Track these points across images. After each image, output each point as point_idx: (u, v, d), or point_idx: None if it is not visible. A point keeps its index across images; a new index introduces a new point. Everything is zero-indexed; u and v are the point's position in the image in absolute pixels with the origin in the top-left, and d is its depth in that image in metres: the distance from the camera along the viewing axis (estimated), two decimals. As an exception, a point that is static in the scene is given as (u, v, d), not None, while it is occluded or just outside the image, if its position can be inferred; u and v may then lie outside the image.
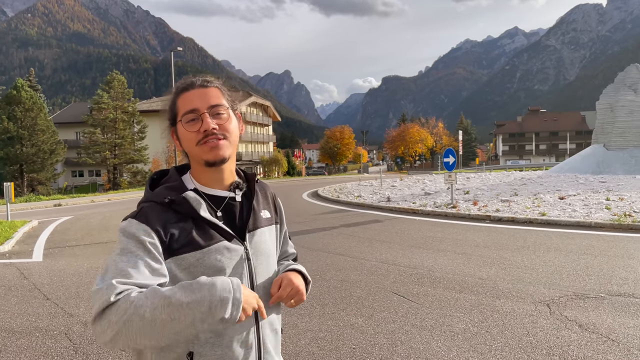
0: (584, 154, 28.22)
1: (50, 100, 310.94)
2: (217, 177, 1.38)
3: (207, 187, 1.38)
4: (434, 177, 32.38)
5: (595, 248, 8.06)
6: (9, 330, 4.98)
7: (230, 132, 1.35)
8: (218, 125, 1.32)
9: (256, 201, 1.45)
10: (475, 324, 4.63)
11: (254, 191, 1.45)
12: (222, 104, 1.35)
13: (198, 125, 1.31)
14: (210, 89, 1.36)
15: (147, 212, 1.28)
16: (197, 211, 1.30)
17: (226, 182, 1.40)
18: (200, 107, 1.32)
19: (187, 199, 1.31)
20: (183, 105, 1.34)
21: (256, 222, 1.41)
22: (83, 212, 19.37)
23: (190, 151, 1.35)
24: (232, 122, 1.37)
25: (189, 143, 1.34)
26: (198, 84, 1.36)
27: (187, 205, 1.30)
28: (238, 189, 1.41)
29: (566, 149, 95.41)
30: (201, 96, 1.34)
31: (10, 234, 11.68)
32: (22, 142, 39.96)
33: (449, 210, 13.55)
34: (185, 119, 1.32)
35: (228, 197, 1.39)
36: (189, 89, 1.35)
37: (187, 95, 1.35)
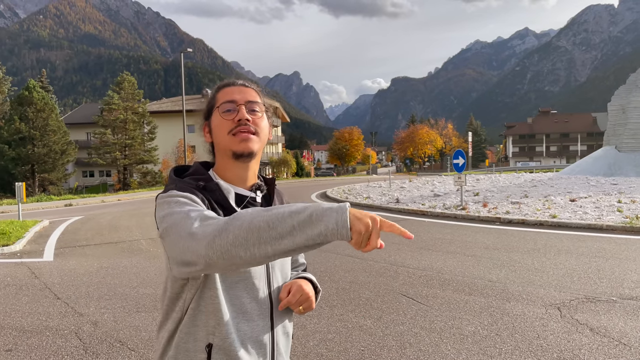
0: (595, 155, 27.97)
1: (61, 101, 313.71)
2: (241, 175, 1.40)
3: (230, 183, 1.39)
4: (443, 179, 32.26)
5: (607, 251, 7.98)
6: (20, 329, 5.02)
7: (261, 129, 1.40)
8: (252, 119, 1.37)
9: (275, 205, 1.46)
10: (485, 326, 4.60)
11: (273, 194, 1.47)
12: (259, 102, 1.41)
13: (233, 115, 1.37)
14: (249, 89, 1.43)
15: (184, 186, 1.28)
16: (228, 200, 1.33)
17: (249, 182, 1.42)
18: (238, 99, 1.38)
19: (220, 186, 1.34)
20: (223, 96, 1.40)
21: None
22: (93, 212, 19.51)
23: (221, 141, 1.37)
24: (265, 121, 1.42)
25: (221, 131, 1.37)
26: (239, 83, 1.44)
27: (219, 193, 1.32)
28: (259, 190, 1.43)
29: (577, 151, 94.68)
30: (241, 91, 1.41)
31: (21, 233, 11.78)
32: (33, 143, 40.30)
33: (459, 212, 13.48)
34: (222, 108, 1.38)
35: (249, 196, 1.40)
36: (230, 85, 1.43)
37: (227, 89, 1.42)
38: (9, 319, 5.38)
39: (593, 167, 26.18)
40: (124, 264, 8.29)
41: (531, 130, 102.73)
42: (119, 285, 6.80)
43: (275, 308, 1.38)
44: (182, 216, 1.15)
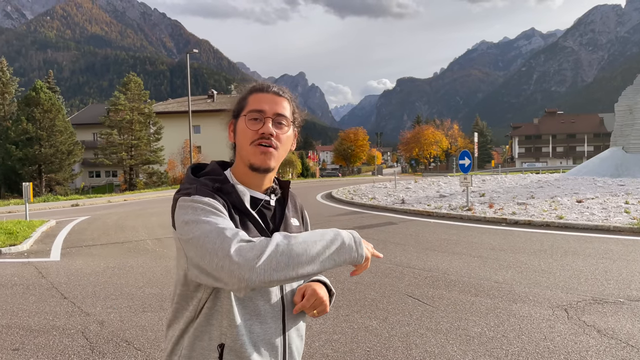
0: (602, 156, 27.80)
1: (68, 101, 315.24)
2: (257, 182, 1.42)
3: (246, 187, 1.41)
4: (448, 180, 32.18)
5: (614, 252, 7.94)
6: (27, 328, 5.05)
7: (283, 145, 1.40)
8: (276, 134, 1.37)
9: (288, 208, 1.48)
10: (492, 328, 4.58)
11: (287, 198, 1.49)
12: (286, 116, 1.40)
13: (259, 125, 1.36)
14: (281, 98, 1.41)
15: (202, 189, 1.31)
16: (243, 202, 1.35)
17: (264, 186, 1.44)
18: (267, 110, 1.37)
19: (236, 189, 1.35)
20: (253, 103, 1.39)
21: (287, 228, 1.43)
22: (100, 212, 19.59)
23: (242, 148, 1.39)
24: (288, 135, 1.42)
25: (243, 139, 1.38)
26: (273, 90, 1.42)
27: (235, 195, 1.34)
28: (273, 194, 1.45)
29: (584, 152, 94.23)
30: (272, 101, 1.39)
31: (28, 233, 11.84)
32: (40, 143, 40.50)
33: (464, 212, 13.44)
34: (250, 116, 1.38)
35: (264, 199, 1.42)
36: (263, 91, 1.41)
37: (259, 96, 1.40)
38: (16, 318, 5.41)
39: (600, 168, 26.03)
40: (130, 264, 8.31)
41: (537, 130, 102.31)
42: (125, 285, 6.82)
43: (287, 310, 1.40)
44: (215, 231, 1.18)
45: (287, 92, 1.45)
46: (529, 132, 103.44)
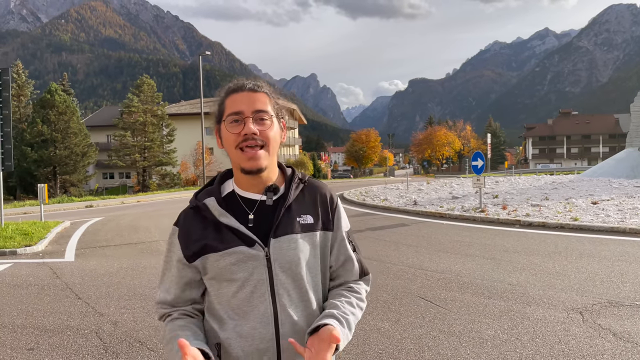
0: (618, 157, 27.46)
1: (82, 103, 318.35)
2: (254, 182, 1.41)
3: (244, 189, 1.42)
4: (461, 181, 31.98)
5: (630, 254, 7.83)
6: (42, 328, 5.10)
7: (270, 140, 1.37)
8: (259, 131, 1.34)
9: (296, 204, 1.42)
10: (505, 330, 4.54)
11: (287, 195, 1.42)
12: (266, 110, 1.37)
13: (240, 127, 1.34)
14: (258, 94, 1.38)
15: (181, 218, 1.47)
16: (216, 217, 1.38)
17: (262, 185, 1.41)
18: (245, 110, 1.35)
19: (207, 206, 1.40)
20: (229, 106, 1.38)
21: (287, 228, 1.38)
22: (113, 213, 19.76)
23: (229, 153, 1.39)
24: (274, 129, 1.39)
25: (228, 144, 1.37)
26: (248, 87, 1.39)
27: (208, 212, 1.39)
28: (271, 191, 1.40)
29: (599, 153, 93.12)
30: (248, 100, 1.36)
31: (43, 234, 11.98)
32: (55, 145, 40.96)
33: (477, 214, 13.35)
34: (229, 120, 1.36)
35: (259, 200, 1.41)
36: (238, 91, 1.39)
37: (235, 97, 1.38)
38: (31, 318, 5.47)
39: (615, 169, 25.71)
40: (143, 265, 8.37)
41: (551, 131, 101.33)
42: (139, 285, 6.87)
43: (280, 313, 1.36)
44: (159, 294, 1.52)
45: (264, 86, 1.42)
46: (542, 133, 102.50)
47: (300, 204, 1.43)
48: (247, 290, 1.35)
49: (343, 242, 1.50)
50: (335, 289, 1.50)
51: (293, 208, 1.41)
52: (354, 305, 1.44)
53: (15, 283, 7.31)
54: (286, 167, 1.49)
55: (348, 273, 1.51)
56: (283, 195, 1.42)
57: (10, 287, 7.07)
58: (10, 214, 21.06)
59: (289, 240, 1.38)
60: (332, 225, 1.47)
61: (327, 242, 1.46)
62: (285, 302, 1.36)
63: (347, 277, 1.51)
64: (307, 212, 1.43)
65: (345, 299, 1.43)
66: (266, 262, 1.35)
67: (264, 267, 1.35)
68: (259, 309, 1.35)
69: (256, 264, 1.35)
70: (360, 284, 1.53)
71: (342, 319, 1.35)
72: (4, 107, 13.00)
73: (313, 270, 1.43)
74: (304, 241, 1.40)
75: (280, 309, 1.36)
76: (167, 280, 1.47)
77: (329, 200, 1.49)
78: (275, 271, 1.36)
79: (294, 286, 1.38)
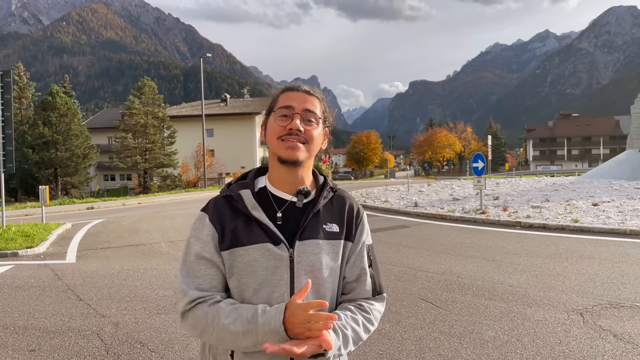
0: (619, 159, 27.46)
1: (83, 105, 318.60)
2: (288, 179, 1.43)
3: (276, 187, 1.44)
4: (462, 183, 31.98)
5: (631, 256, 7.83)
6: (43, 329, 5.12)
7: (313, 140, 1.40)
8: (304, 129, 1.38)
9: (324, 211, 1.44)
10: (506, 332, 4.55)
11: (317, 200, 1.44)
12: (315, 113, 1.41)
13: (287, 121, 1.39)
14: (312, 97, 1.43)
15: (211, 205, 1.45)
16: (249, 210, 1.39)
17: (295, 185, 1.43)
18: (296, 106, 1.40)
19: (242, 197, 1.41)
20: (282, 100, 1.42)
21: (312, 232, 1.40)
22: (114, 215, 19.77)
23: (271, 143, 1.42)
24: (318, 132, 1.42)
25: (272, 134, 1.41)
26: (303, 89, 1.44)
27: (241, 203, 1.40)
28: (302, 194, 1.43)
29: (599, 154, 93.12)
30: (301, 99, 1.41)
31: (45, 235, 11.99)
32: (56, 147, 40.98)
33: (478, 216, 13.36)
34: (279, 112, 1.40)
35: (289, 200, 1.43)
36: (293, 90, 1.44)
37: (289, 94, 1.43)
38: (32, 319, 5.49)
39: (616, 171, 25.70)
40: (144, 267, 8.39)
41: (552, 133, 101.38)
42: (140, 287, 6.88)
43: None
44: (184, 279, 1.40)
45: (317, 92, 1.47)
46: (543, 134, 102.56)
47: (328, 212, 1.45)
48: (267, 289, 1.36)
49: (361, 254, 1.49)
50: (344, 303, 1.47)
51: (321, 214, 1.43)
52: (359, 324, 1.39)
53: (17, 284, 7.32)
54: (319, 175, 1.51)
55: (360, 287, 1.48)
56: (313, 200, 1.44)
57: (11, 288, 7.09)
58: (11, 215, 21.07)
59: (314, 245, 1.39)
60: (353, 236, 1.48)
61: (346, 252, 1.47)
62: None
63: (359, 292, 1.48)
64: (334, 220, 1.45)
65: (351, 314, 1.41)
66: (289, 262, 1.37)
67: (287, 267, 1.36)
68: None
69: (279, 264, 1.36)
70: (372, 303, 1.47)
71: (338, 329, 1.33)
72: (5, 109, 13.02)
73: (333, 278, 1.43)
74: (327, 248, 1.41)
75: None
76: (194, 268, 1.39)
77: (355, 212, 1.51)
78: (298, 273, 1.37)
79: (313, 290, 1.38)
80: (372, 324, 1.43)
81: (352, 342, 1.35)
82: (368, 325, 1.41)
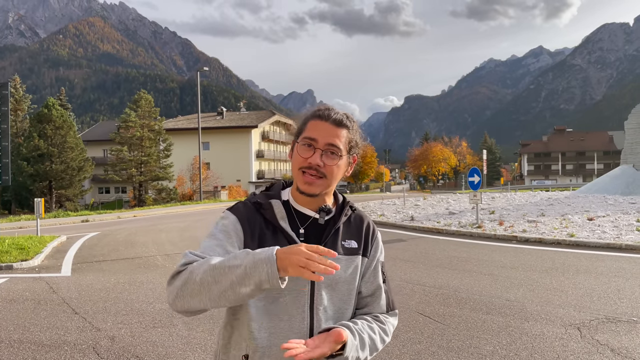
0: (613, 174, 27.63)
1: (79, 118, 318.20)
2: (309, 200, 1.46)
3: (299, 203, 1.47)
4: (458, 197, 32.05)
5: (627, 270, 7.86)
6: (39, 343, 5.07)
7: (332, 175, 1.42)
8: (324, 164, 1.40)
9: (343, 229, 1.48)
10: (504, 346, 4.55)
11: (339, 218, 1.48)
12: (339, 147, 1.42)
13: (309, 153, 1.41)
14: (339, 129, 1.43)
15: (240, 207, 1.46)
16: (277, 219, 1.42)
17: (317, 204, 1.47)
18: (319, 140, 1.40)
19: (272, 206, 1.44)
20: (309, 129, 1.43)
21: (333, 248, 1.43)
22: (110, 228, 19.67)
23: (293, 171, 1.45)
24: (340, 164, 1.44)
25: (295, 163, 1.44)
26: (332, 119, 1.43)
27: (270, 211, 1.43)
28: (324, 212, 1.46)
29: (593, 169, 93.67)
30: (327, 131, 1.41)
31: (39, 248, 11.92)
32: (51, 159, 40.92)
33: (474, 230, 13.38)
34: (303, 142, 1.42)
35: (312, 217, 1.46)
36: (322, 119, 1.43)
37: (317, 123, 1.43)
38: (27, 333, 5.44)
39: (610, 185, 25.86)
40: (140, 280, 8.34)
41: (546, 148, 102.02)
42: (136, 300, 6.84)
43: (315, 327, 1.39)
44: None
45: (349, 120, 1.46)
46: (538, 149, 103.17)
47: (347, 229, 1.50)
48: (288, 298, 1.38)
49: (376, 270, 1.54)
50: (359, 315, 1.50)
51: (340, 231, 1.48)
52: (375, 332, 1.44)
53: (12, 298, 7.26)
54: (339, 195, 1.56)
55: (375, 302, 1.53)
56: (333, 217, 1.48)
57: (6, 301, 7.03)
58: (5, 228, 20.93)
59: (334, 260, 1.41)
60: (369, 252, 1.53)
61: (363, 268, 1.51)
62: (322, 317, 1.41)
63: (374, 307, 1.53)
64: (352, 237, 1.50)
65: (367, 323, 1.45)
66: None
67: (308, 280, 1.37)
68: (295, 319, 1.39)
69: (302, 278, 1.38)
70: (387, 317, 1.54)
71: (355, 332, 1.37)
72: (2, 121, 13.01)
73: (350, 292, 1.48)
74: (347, 263, 1.46)
75: (317, 323, 1.40)
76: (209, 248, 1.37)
77: (372, 231, 1.56)
78: (318, 286, 1.40)
79: (332, 303, 1.43)
80: (387, 335, 1.48)
81: (369, 348, 1.39)
82: (383, 335, 1.46)
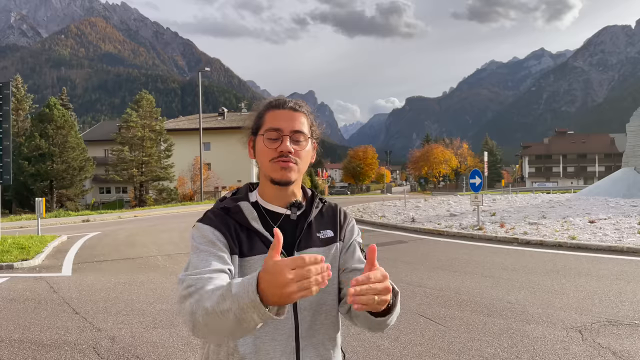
0: (614, 177, 27.63)
1: (80, 118, 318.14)
2: (279, 195, 1.44)
3: (268, 201, 1.45)
4: (459, 198, 32.03)
5: (628, 273, 7.84)
6: (39, 343, 5.07)
7: (302, 160, 1.42)
8: (294, 150, 1.39)
9: (315, 221, 1.47)
10: (505, 349, 4.53)
11: (309, 211, 1.47)
12: (304, 132, 1.42)
13: (277, 144, 1.39)
14: (298, 114, 1.42)
15: (210, 215, 1.41)
16: (248, 220, 1.39)
17: (287, 200, 1.45)
18: (284, 128, 1.39)
19: (241, 208, 1.41)
20: (269, 120, 1.41)
21: (309, 242, 1.43)
22: (110, 228, 19.68)
23: (262, 165, 1.43)
24: (307, 149, 1.43)
25: (263, 157, 1.41)
26: (289, 106, 1.43)
27: (240, 214, 1.40)
28: (295, 207, 1.45)
29: (595, 172, 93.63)
30: (288, 118, 1.40)
31: (40, 248, 11.92)
32: (52, 159, 40.91)
33: (475, 232, 13.36)
34: (267, 135, 1.40)
35: (284, 214, 1.44)
36: (279, 108, 1.43)
37: (276, 113, 1.42)
38: (28, 333, 5.43)
39: (612, 188, 25.84)
40: (140, 280, 8.34)
41: (548, 150, 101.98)
42: (136, 300, 6.83)
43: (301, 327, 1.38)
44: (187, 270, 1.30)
45: (303, 106, 1.46)
46: (539, 151, 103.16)
47: (319, 221, 1.49)
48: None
49: (354, 248, 1.51)
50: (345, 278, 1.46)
51: (313, 224, 1.47)
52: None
53: (12, 297, 7.26)
54: (307, 189, 1.55)
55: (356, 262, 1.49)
56: (304, 212, 1.47)
57: (6, 301, 7.03)
58: (6, 227, 20.94)
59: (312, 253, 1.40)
60: (344, 236, 1.52)
61: (339, 252, 1.50)
62: (306, 313, 1.39)
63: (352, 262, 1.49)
64: (327, 227, 1.49)
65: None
66: None
67: None
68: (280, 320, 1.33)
69: None
70: None
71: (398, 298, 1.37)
72: (4, 120, 13.01)
73: (333, 281, 1.45)
74: (325, 253, 1.44)
75: (302, 320, 1.38)
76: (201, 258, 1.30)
77: (343, 215, 1.56)
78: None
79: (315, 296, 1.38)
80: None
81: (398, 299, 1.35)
82: None
